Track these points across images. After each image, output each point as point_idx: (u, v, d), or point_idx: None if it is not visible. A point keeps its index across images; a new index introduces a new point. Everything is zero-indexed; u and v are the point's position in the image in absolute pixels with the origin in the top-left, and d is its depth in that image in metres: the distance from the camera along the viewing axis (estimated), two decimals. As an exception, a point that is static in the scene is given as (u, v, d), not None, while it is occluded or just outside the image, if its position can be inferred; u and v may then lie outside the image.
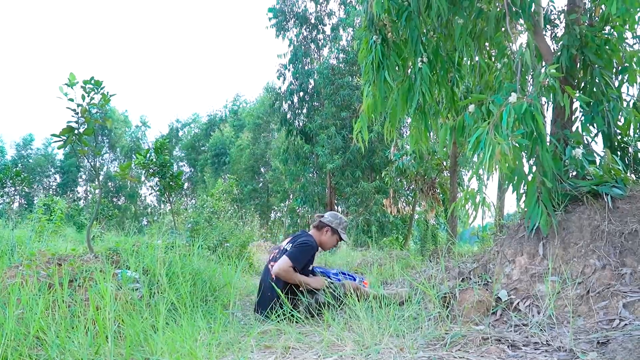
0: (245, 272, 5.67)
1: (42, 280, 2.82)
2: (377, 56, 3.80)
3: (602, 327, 2.32)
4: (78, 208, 18.42)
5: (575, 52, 3.33)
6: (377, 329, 2.47)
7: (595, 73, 3.27)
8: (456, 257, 4.13)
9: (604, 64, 3.32)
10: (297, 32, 19.41)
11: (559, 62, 3.32)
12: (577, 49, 3.33)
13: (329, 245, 3.68)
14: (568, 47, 3.34)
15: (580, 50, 3.32)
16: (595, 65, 3.29)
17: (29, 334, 2.18)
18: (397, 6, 3.72)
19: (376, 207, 15.63)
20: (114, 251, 3.90)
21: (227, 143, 34.89)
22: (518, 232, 3.19)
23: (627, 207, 2.81)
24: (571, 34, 3.37)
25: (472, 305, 2.76)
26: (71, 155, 36.28)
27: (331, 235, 3.66)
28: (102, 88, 3.89)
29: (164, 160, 8.24)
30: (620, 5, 2.98)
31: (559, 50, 3.40)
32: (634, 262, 2.58)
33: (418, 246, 10.03)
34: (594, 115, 3.19)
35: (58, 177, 41.41)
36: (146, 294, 2.97)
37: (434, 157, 10.97)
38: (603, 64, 3.31)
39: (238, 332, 2.68)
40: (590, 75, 3.32)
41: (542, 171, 2.89)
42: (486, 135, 2.68)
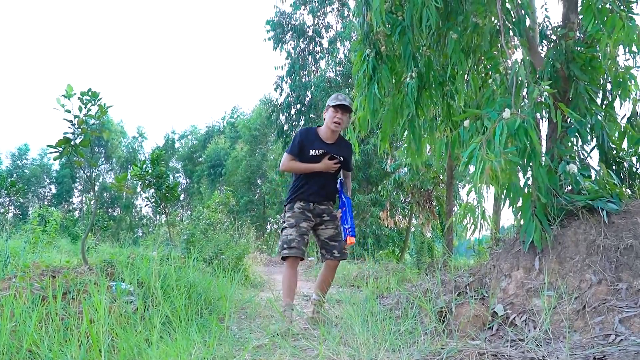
0: (241, 284, 5.64)
1: (36, 292, 2.79)
2: (368, 69, 3.83)
3: (598, 343, 2.31)
4: (73, 219, 18.32)
5: (560, 66, 3.37)
6: (373, 344, 2.46)
7: (580, 88, 3.31)
8: (452, 271, 4.13)
9: (589, 80, 3.36)
10: (294, 44, 19.54)
11: (542, 75, 3.35)
12: (562, 63, 3.37)
13: (329, 121, 3.63)
14: (553, 61, 3.39)
15: (566, 65, 3.36)
16: (580, 80, 3.33)
17: (21, 348, 2.16)
18: (392, 20, 3.76)
19: (372, 220, 15.61)
20: (109, 263, 3.87)
21: (223, 155, 34.90)
22: (514, 246, 3.19)
23: (623, 222, 2.82)
24: (558, 48, 3.41)
25: (469, 320, 2.75)
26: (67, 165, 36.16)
27: (326, 112, 3.69)
28: (99, 99, 3.89)
29: (160, 172, 8.23)
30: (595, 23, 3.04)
31: (544, 64, 3.43)
32: (630, 277, 2.58)
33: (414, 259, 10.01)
34: (578, 129, 3.21)
35: (53, 188, 41.25)
36: (140, 307, 2.95)
37: (430, 170, 11.00)
38: (588, 79, 3.35)
39: (233, 346, 2.66)
40: (575, 90, 3.35)
41: (537, 186, 2.90)
42: (478, 150, 2.69)
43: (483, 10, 3.54)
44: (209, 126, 42.00)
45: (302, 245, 3.48)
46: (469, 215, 3.22)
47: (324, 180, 3.65)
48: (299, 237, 3.48)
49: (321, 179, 3.64)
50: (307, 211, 3.60)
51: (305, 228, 3.54)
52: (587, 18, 3.13)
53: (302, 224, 3.53)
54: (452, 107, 4.20)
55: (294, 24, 19.57)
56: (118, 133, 42.61)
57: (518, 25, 3.37)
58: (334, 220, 3.65)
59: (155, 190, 8.36)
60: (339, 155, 3.68)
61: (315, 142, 3.65)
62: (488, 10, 3.51)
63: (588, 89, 3.31)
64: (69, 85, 3.71)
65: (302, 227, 3.52)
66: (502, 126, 2.68)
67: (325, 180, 3.65)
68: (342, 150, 3.74)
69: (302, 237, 3.50)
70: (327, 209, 3.67)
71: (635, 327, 2.33)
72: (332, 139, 3.68)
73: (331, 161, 3.63)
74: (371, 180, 16.89)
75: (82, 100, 3.81)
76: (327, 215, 3.66)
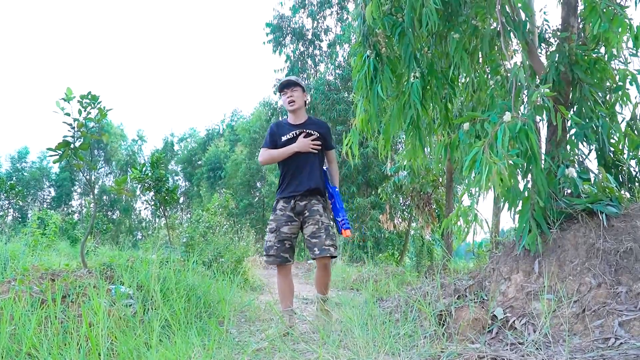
0: (241, 287, 5.63)
1: (35, 296, 2.79)
2: (369, 71, 3.82)
3: (597, 346, 2.31)
4: (72, 222, 18.31)
5: (564, 69, 3.37)
6: (372, 347, 2.46)
7: (584, 91, 3.31)
8: (452, 274, 4.12)
9: (594, 82, 3.36)
10: (294, 47, 19.57)
11: (546, 78, 3.36)
12: (566, 66, 3.37)
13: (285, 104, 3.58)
14: (557, 64, 3.39)
15: (570, 68, 3.37)
16: (584, 83, 3.33)
17: (21, 351, 2.16)
18: (392, 22, 3.76)
19: (372, 223, 15.61)
20: (108, 266, 3.87)
21: (222, 157, 34.91)
22: (514, 250, 3.19)
23: (622, 226, 2.82)
24: (561, 51, 3.42)
25: (468, 323, 2.74)
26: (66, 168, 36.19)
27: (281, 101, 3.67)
28: (99, 103, 3.89)
29: (159, 175, 8.23)
30: (603, 24, 3.04)
31: (547, 66, 3.44)
32: (630, 280, 2.58)
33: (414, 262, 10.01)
34: (584, 132, 3.21)
35: (53, 191, 41.22)
36: (140, 310, 2.94)
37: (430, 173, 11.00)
38: (592, 82, 3.35)
39: (232, 350, 2.66)
40: (579, 92, 3.36)
41: (536, 189, 2.90)
42: (482, 155, 2.70)
43: (483, 13, 3.55)
44: (208, 129, 42.07)
45: (281, 252, 3.36)
46: (462, 219, 3.23)
47: (306, 168, 3.44)
48: (278, 243, 3.36)
49: (303, 167, 3.45)
50: (290, 211, 3.41)
51: (287, 233, 3.39)
52: (593, 19, 3.12)
53: (283, 229, 3.38)
54: (449, 110, 4.20)
55: (294, 27, 19.61)
56: (118, 136, 42.61)
57: (517, 28, 3.37)
58: (313, 215, 3.37)
59: (154, 193, 8.35)
60: (315, 131, 3.53)
61: (285, 128, 3.55)
62: (488, 13, 3.52)
63: (592, 91, 3.32)
64: (69, 88, 3.71)
65: (282, 233, 3.38)
66: (503, 129, 2.68)
67: (307, 169, 3.44)
68: (316, 127, 3.58)
69: (282, 243, 3.37)
70: (309, 204, 3.41)
71: (635, 331, 2.33)
72: (301, 120, 3.57)
73: (307, 138, 3.47)
74: (371, 183, 16.89)
75: (82, 104, 3.82)
76: (308, 210, 3.40)
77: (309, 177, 3.43)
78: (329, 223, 3.37)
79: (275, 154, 3.49)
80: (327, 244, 3.28)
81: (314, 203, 3.41)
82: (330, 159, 3.69)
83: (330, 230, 3.34)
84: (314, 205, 3.40)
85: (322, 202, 3.46)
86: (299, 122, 3.56)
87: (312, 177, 3.44)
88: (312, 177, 3.44)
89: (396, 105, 3.99)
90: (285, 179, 3.49)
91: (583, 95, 3.31)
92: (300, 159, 3.46)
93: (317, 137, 3.51)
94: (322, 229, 3.32)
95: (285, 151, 3.45)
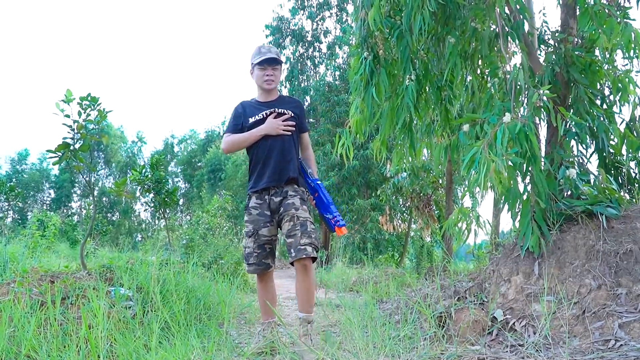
0: (240, 289, 5.63)
1: (35, 297, 2.79)
2: (365, 72, 3.82)
3: (597, 348, 2.31)
4: (72, 223, 18.30)
5: (560, 70, 3.38)
6: (372, 349, 2.45)
7: (580, 92, 3.32)
8: (452, 276, 4.13)
9: (589, 84, 3.37)
10: (293, 49, 19.58)
11: (542, 80, 3.37)
12: (562, 67, 3.38)
13: (260, 81, 3.03)
14: (553, 65, 3.40)
15: (566, 69, 3.37)
16: (580, 84, 3.34)
17: (20, 353, 2.15)
18: (390, 24, 3.77)
19: (372, 224, 15.60)
20: (108, 268, 3.87)
21: (222, 159, 34.90)
22: (513, 251, 3.19)
23: (622, 227, 2.82)
24: (557, 52, 3.42)
25: (468, 325, 2.74)
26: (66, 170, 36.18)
27: (252, 73, 3.07)
28: (99, 104, 3.89)
29: (159, 177, 8.22)
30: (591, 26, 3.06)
31: (543, 68, 3.45)
32: (630, 282, 2.58)
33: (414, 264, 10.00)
34: (577, 132, 3.21)
35: (52, 192, 41.21)
36: (139, 312, 2.94)
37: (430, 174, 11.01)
38: (587, 83, 3.36)
39: (232, 352, 2.66)
40: (575, 94, 3.36)
41: (536, 191, 2.90)
42: (480, 154, 2.70)
43: (482, 15, 3.56)
44: (208, 131, 42.00)
45: (262, 258, 2.93)
46: (462, 220, 3.23)
47: (278, 154, 2.91)
48: (258, 249, 2.92)
49: (274, 154, 2.92)
50: (266, 209, 2.92)
51: (267, 236, 2.92)
52: (584, 21, 3.15)
53: (262, 231, 2.91)
54: (449, 112, 4.21)
55: (293, 28, 19.62)
56: (117, 138, 42.62)
57: (517, 30, 3.38)
58: (288, 210, 2.85)
59: (154, 195, 8.34)
60: (287, 110, 3.03)
61: (254, 109, 3.03)
62: (487, 15, 3.53)
63: (588, 92, 3.32)
64: (69, 90, 3.72)
65: (261, 236, 2.92)
66: (503, 130, 2.68)
67: (280, 156, 2.92)
68: (288, 105, 3.07)
69: (262, 248, 2.94)
70: (284, 199, 2.90)
71: (634, 333, 2.33)
72: (272, 97, 3.07)
73: (278, 119, 2.95)
74: (370, 185, 16.88)
75: (82, 105, 3.82)
76: (283, 206, 2.89)
77: (283, 166, 2.91)
78: (307, 218, 2.84)
79: (240, 138, 2.97)
80: (304, 243, 2.74)
81: (290, 196, 2.89)
82: (304, 143, 3.17)
83: (307, 225, 2.81)
84: (289, 198, 2.88)
85: (300, 193, 2.95)
86: (270, 100, 3.06)
87: (286, 166, 2.92)
88: (286, 166, 2.92)
89: (388, 106, 4.00)
90: (255, 170, 2.98)
91: (579, 96, 3.32)
92: (271, 144, 2.93)
93: (290, 116, 2.99)
94: (297, 225, 2.79)
95: (251, 135, 2.93)
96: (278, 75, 3.06)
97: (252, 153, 3.00)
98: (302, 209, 2.86)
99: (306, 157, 3.15)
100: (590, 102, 3.33)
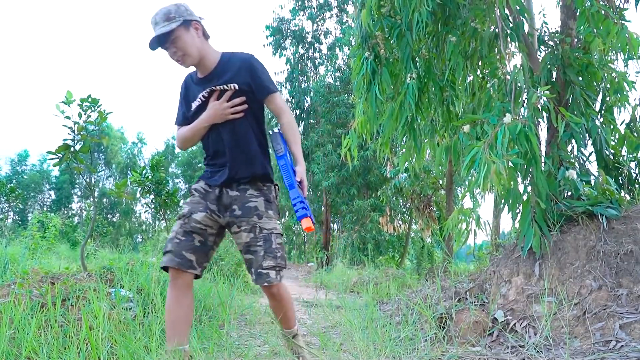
0: (241, 291, 5.62)
1: (35, 299, 2.79)
2: (367, 72, 3.82)
3: (598, 349, 2.31)
4: (72, 225, 18.32)
5: (557, 71, 3.39)
6: (372, 351, 2.45)
7: (576, 93, 3.32)
8: (452, 277, 4.12)
9: (585, 85, 3.37)
10: (294, 50, 19.60)
11: (539, 80, 3.37)
12: (559, 68, 3.39)
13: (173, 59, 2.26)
14: (550, 65, 3.40)
15: (563, 71, 3.38)
16: (576, 85, 3.34)
17: (20, 355, 2.15)
18: (390, 24, 3.77)
19: (372, 225, 15.60)
20: (108, 269, 3.87)
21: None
22: (514, 252, 3.19)
23: (622, 228, 2.82)
24: (554, 54, 3.43)
25: (469, 326, 2.74)
26: (66, 171, 36.20)
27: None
28: (99, 106, 3.90)
29: (159, 178, 8.22)
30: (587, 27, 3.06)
31: (540, 68, 3.45)
32: (630, 282, 2.58)
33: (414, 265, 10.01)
34: (572, 133, 3.22)
35: (53, 194, 41.24)
36: (140, 314, 2.94)
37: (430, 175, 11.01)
38: (584, 84, 3.36)
39: (232, 354, 2.65)
40: (571, 94, 3.37)
41: (536, 192, 2.90)
42: (481, 154, 2.70)
43: (482, 16, 3.56)
44: (208, 132, 41.97)
45: (183, 249, 2.14)
46: (463, 221, 3.23)
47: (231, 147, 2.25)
48: (183, 235, 2.16)
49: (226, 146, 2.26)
50: (214, 200, 2.24)
51: (201, 223, 2.19)
52: (581, 22, 3.15)
53: (196, 216, 2.19)
54: (452, 113, 4.21)
55: (293, 29, 19.63)
56: (118, 139, 42.64)
57: (516, 31, 3.38)
58: (248, 217, 2.18)
59: (154, 196, 8.34)
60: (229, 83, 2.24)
61: (193, 89, 2.35)
62: (487, 15, 3.53)
63: (584, 94, 3.33)
64: (69, 91, 3.72)
65: (193, 221, 2.18)
66: (503, 130, 2.68)
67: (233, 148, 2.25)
68: (231, 73, 2.27)
69: (189, 237, 2.17)
70: (241, 196, 2.21)
71: (635, 333, 2.32)
72: (208, 68, 2.29)
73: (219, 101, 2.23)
74: (371, 186, 16.89)
75: (82, 107, 3.82)
76: (240, 208, 2.20)
77: (239, 160, 2.25)
78: (271, 229, 2.20)
79: (187, 135, 2.33)
80: (266, 267, 2.14)
81: (250, 196, 2.22)
82: (275, 108, 2.33)
83: (272, 241, 2.18)
84: (250, 201, 2.21)
85: (265, 193, 2.26)
86: (207, 74, 2.30)
87: (243, 159, 2.25)
88: (245, 159, 2.26)
89: (392, 106, 4.00)
90: (206, 157, 2.39)
91: (575, 97, 3.32)
92: (220, 134, 2.27)
93: (235, 90, 2.24)
94: (258, 239, 2.17)
95: (195, 129, 2.29)
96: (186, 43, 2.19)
97: (203, 145, 2.39)
98: (266, 217, 2.20)
99: (281, 124, 2.33)
100: (586, 104, 3.34)
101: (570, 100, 3.35)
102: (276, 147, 2.29)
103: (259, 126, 2.34)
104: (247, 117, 2.28)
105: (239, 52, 2.37)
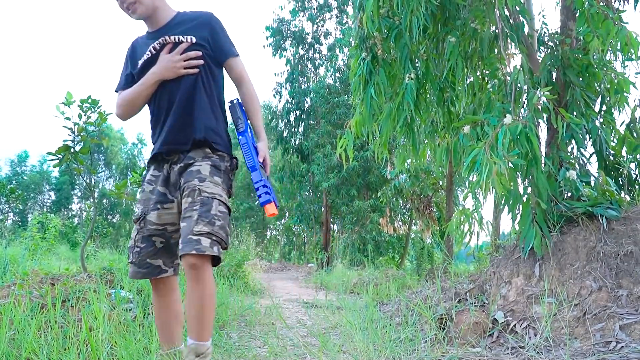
0: (241, 291, 5.62)
1: (35, 300, 2.79)
2: (364, 73, 3.81)
3: (598, 350, 2.30)
4: (72, 226, 18.30)
5: (557, 72, 3.39)
6: (372, 352, 2.45)
7: (576, 94, 3.32)
8: (452, 277, 4.12)
9: (585, 86, 3.37)
10: (294, 51, 19.60)
11: (539, 81, 3.37)
12: (559, 69, 3.39)
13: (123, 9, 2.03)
14: (549, 66, 3.40)
15: (563, 71, 3.38)
16: (576, 86, 3.34)
17: (20, 356, 2.15)
18: (388, 25, 3.77)
19: (372, 226, 15.59)
20: (108, 270, 3.87)
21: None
22: (514, 253, 3.19)
23: (623, 229, 2.82)
24: (554, 54, 3.43)
25: (469, 327, 2.74)
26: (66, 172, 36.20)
27: None
28: (99, 107, 3.90)
29: (159, 179, 8.22)
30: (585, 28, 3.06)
31: (540, 69, 3.45)
32: (630, 283, 2.58)
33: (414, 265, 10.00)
34: (572, 134, 3.22)
35: (52, 195, 41.25)
36: (140, 315, 2.94)
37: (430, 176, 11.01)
38: (584, 85, 3.36)
39: (232, 355, 2.65)
40: (571, 95, 3.37)
41: (537, 192, 2.90)
42: (482, 155, 2.70)
43: (482, 16, 3.56)
44: (208, 133, 41.99)
45: (147, 256, 1.98)
46: (465, 222, 3.23)
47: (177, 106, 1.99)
48: (142, 242, 1.98)
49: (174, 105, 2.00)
50: (163, 183, 2.01)
51: (156, 224, 1.98)
52: (580, 23, 3.15)
53: (150, 217, 1.98)
54: (452, 113, 4.20)
55: (293, 30, 19.63)
56: (118, 140, 42.67)
57: (516, 31, 3.38)
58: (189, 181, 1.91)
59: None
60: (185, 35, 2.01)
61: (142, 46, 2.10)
62: (487, 16, 3.53)
63: (584, 94, 3.33)
64: (69, 92, 3.72)
65: (149, 223, 1.98)
66: (504, 131, 2.68)
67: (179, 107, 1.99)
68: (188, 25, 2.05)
69: (149, 243, 1.99)
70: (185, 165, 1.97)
71: (635, 334, 2.32)
72: (161, 22, 2.06)
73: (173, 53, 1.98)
74: (371, 187, 16.88)
75: (82, 108, 3.83)
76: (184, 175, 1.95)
77: (185, 122, 1.99)
78: (213, 194, 1.89)
79: (130, 95, 2.05)
80: (198, 231, 1.78)
81: (196, 162, 1.96)
82: (235, 75, 2.16)
83: (212, 205, 1.85)
84: (194, 165, 1.95)
85: (214, 160, 1.99)
86: (160, 26, 2.07)
87: (189, 121, 1.99)
88: (191, 121, 1.99)
89: (390, 106, 3.99)
90: (152, 130, 2.11)
91: (575, 98, 3.32)
92: (169, 91, 2.01)
93: (191, 44, 2.00)
94: (195, 203, 1.85)
95: (142, 86, 2.01)
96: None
97: (149, 105, 2.11)
98: (210, 181, 1.90)
99: (241, 94, 2.14)
100: (586, 105, 3.34)
101: (570, 101, 3.35)
102: (236, 121, 2.07)
103: (210, 89, 2.05)
104: (202, 77, 2.02)
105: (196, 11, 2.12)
